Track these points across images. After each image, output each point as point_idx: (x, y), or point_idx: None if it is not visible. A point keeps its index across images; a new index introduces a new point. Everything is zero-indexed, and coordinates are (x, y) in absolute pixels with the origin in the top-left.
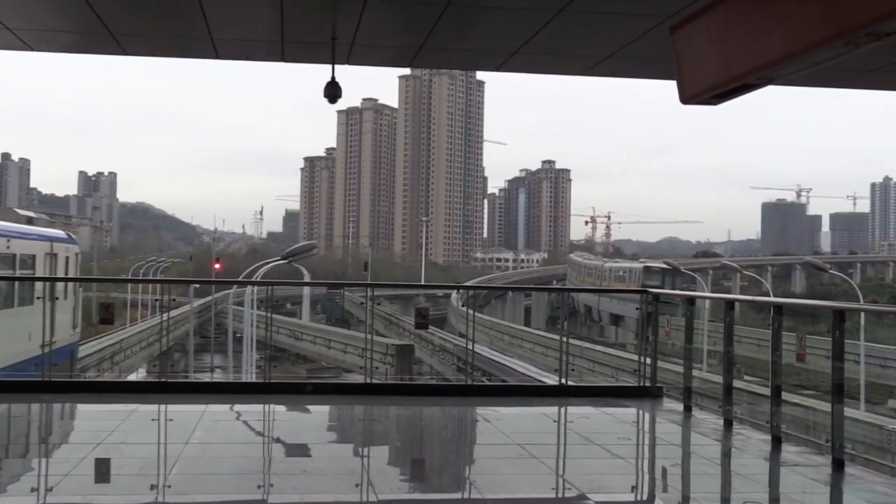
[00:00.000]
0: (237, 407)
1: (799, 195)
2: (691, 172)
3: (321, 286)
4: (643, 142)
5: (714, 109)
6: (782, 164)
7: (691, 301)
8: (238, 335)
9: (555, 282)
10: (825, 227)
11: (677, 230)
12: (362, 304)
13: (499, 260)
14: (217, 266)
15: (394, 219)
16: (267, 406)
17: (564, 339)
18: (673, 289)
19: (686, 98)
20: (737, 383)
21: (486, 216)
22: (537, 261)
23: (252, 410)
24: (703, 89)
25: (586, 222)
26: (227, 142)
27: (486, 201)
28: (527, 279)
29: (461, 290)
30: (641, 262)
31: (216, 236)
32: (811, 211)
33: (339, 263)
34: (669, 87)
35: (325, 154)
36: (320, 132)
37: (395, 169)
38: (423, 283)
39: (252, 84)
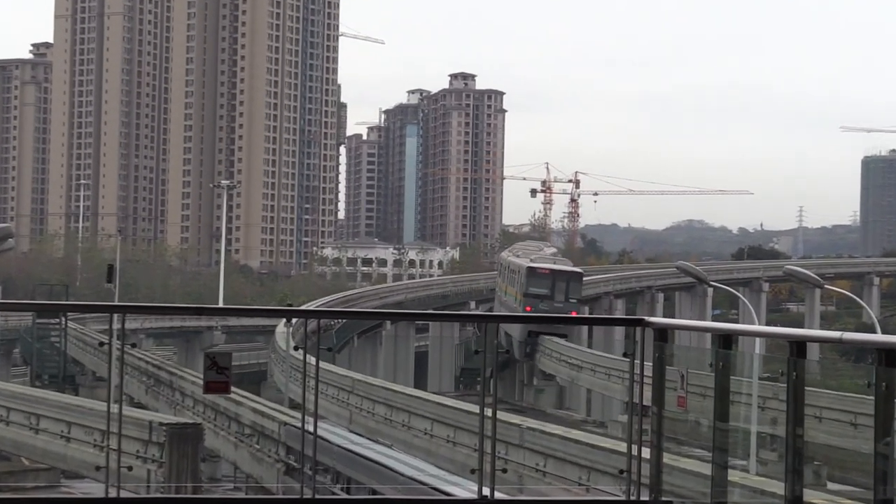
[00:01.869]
0: None
1: None
2: (721, 99)
3: (20, 311)
4: (629, 44)
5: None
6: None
7: (726, 341)
8: None
9: (473, 304)
10: None
11: (704, 208)
12: (103, 345)
13: (369, 263)
14: None
15: (166, 184)
16: None
17: (489, 412)
18: (652, 307)
19: None
20: (814, 497)
21: (342, 181)
22: (441, 264)
23: None
24: None
25: (534, 192)
26: None
27: (341, 151)
28: (421, 300)
29: (293, 320)
30: (535, 259)
31: None
32: None
33: (60, 266)
34: None
35: (31, 55)
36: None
37: (170, 89)
38: (220, 305)
39: None
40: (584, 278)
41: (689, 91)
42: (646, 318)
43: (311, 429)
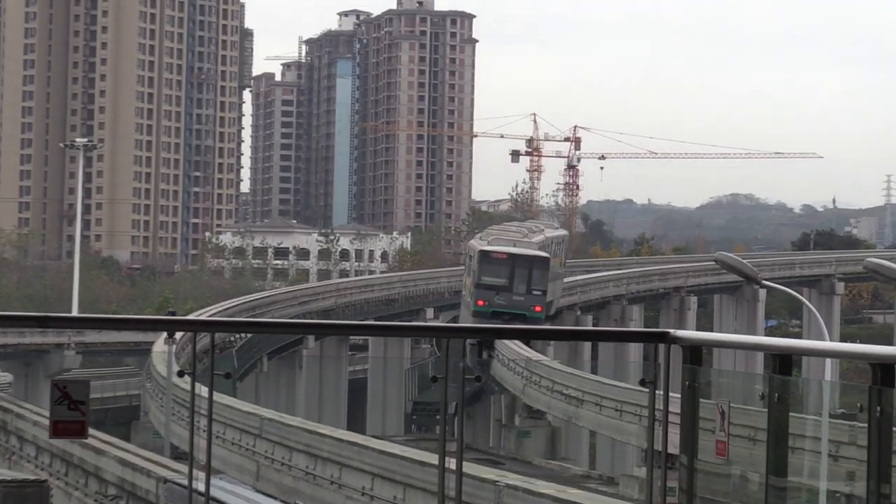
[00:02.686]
0: None
1: None
2: (783, 21)
3: None
4: None
5: None
6: None
7: (784, 364)
8: None
9: (430, 312)
10: None
11: (754, 177)
12: None
13: (284, 254)
14: None
15: None
16: None
17: (453, 464)
18: (681, 317)
19: None
20: None
21: (247, 141)
22: (386, 255)
23: None
24: None
25: (517, 155)
26: None
27: (246, 97)
28: (358, 306)
29: (176, 335)
30: (494, 241)
31: None
32: None
33: None
34: None
35: None
36: None
37: (3, 9)
38: (73, 313)
39: None
40: (587, 275)
41: (734, 9)
42: (672, 331)
43: (201, 487)
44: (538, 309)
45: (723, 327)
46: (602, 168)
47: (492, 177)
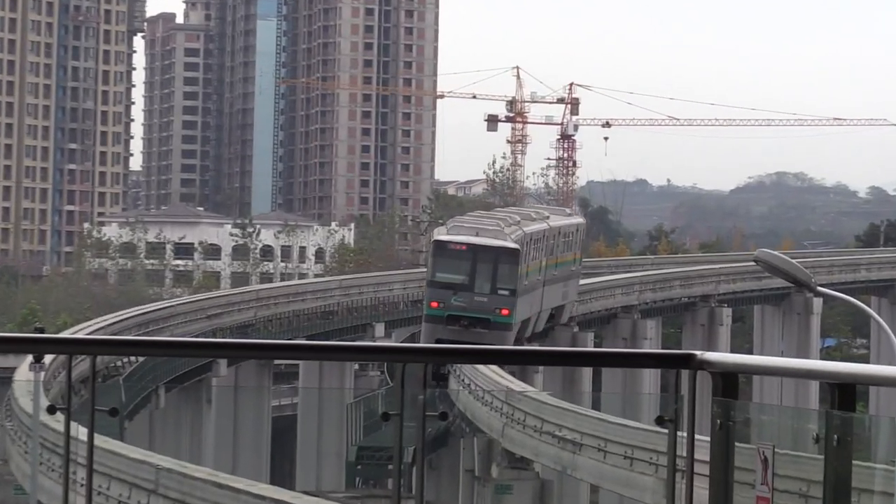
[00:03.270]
0: None
1: None
2: None
3: None
4: None
5: None
6: None
7: (845, 396)
8: None
9: (380, 328)
10: None
11: (805, 151)
12: None
13: (189, 252)
14: None
15: None
16: None
17: None
18: (711, 334)
19: None
20: None
21: (139, 103)
22: (322, 253)
23: None
24: None
25: (494, 121)
26: None
27: (137, 46)
28: (286, 319)
29: (45, 358)
30: (454, 229)
31: None
32: None
33: None
34: None
35: None
36: None
37: None
38: None
39: None
40: (585, 278)
41: None
42: (699, 353)
43: None
44: (505, 312)
45: (765, 348)
46: (606, 139)
47: (461, 150)
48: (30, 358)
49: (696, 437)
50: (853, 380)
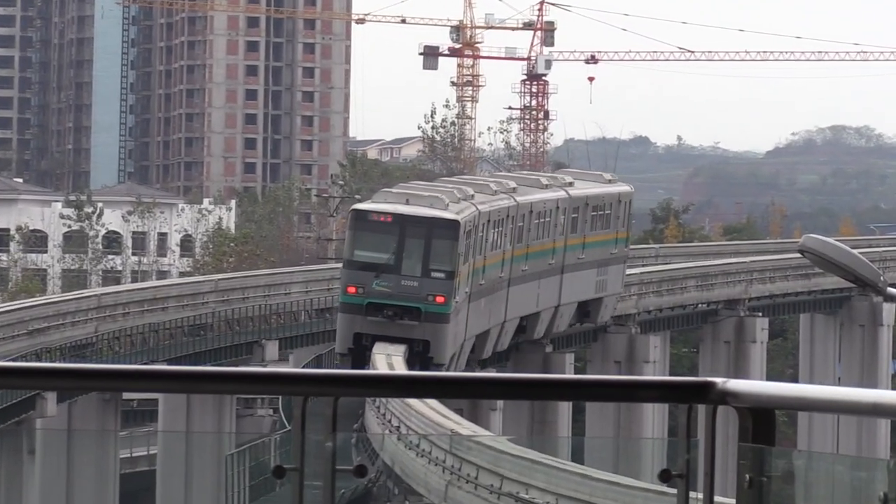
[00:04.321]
0: None
1: None
2: None
3: None
4: None
5: None
6: None
7: None
8: None
9: (276, 348)
10: None
11: (870, 103)
12: None
13: (3, 240)
14: None
15: None
16: None
17: None
18: (737, 354)
19: None
20: None
21: None
22: (192, 241)
23: None
24: None
25: (433, 54)
26: None
27: None
28: (131, 338)
29: None
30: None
31: None
32: None
33: None
34: None
35: None
36: None
37: None
38: None
39: None
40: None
41: None
42: (721, 380)
43: None
44: (440, 300)
45: (815, 374)
46: (592, 80)
47: (388, 98)
48: None
49: (717, 499)
50: None
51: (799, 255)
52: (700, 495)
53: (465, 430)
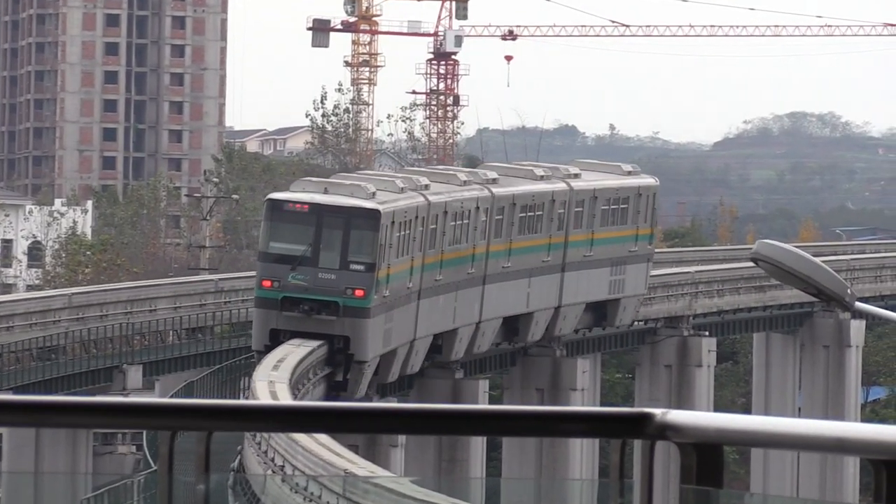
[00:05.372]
0: None
1: None
2: None
3: None
4: None
5: None
6: None
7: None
8: None
9: (139, 374)
10: None
11: (833, 86)
12: None
13: None
14: None
15: None
16: None
17: None
18: (679, 380)
19: None
20: None
21: None
22: (37, 251)
23: None
24: None
25: (322, 29)
26: None
27: None
28: None
29: None
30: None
31: None
32: None
33: None
34: None
35: None
36: None
37: None
38: None
39: None
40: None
41: None
42: (661, 411)
43: None
44: (359, 293)
45: (771, 403)
46: (510, 60)
47: (271, 80)
48: None
49: None
50: None
51: (752, 263)
52: None
53: (362, 469)
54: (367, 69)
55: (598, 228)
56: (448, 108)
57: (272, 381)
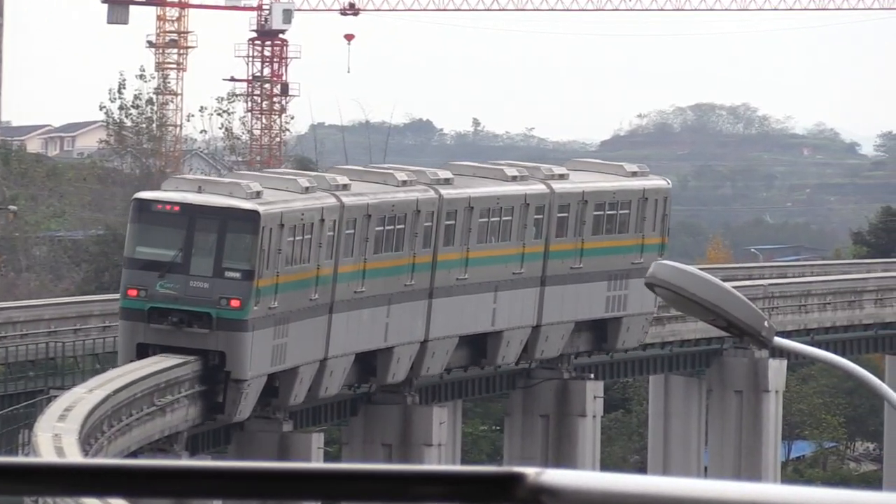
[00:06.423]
0: None
1: None
2: None
3: None
4: None
5: None
6: None
7: None
8: None
9: None
10: None
11: (751, 71)
12: None
13: None
14: None
15: None
16: None
17: None
18: (558, 429)
19: None
20: None
21: None
22: None
23: None
24: None
25: (118, 3)
26: None
27: None
28: None
29: None
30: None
31: None
32: None
33: None
34: None
35: None
36: None
37: None
38: None
39: None
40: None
41: None
42: (533, 471)
43: None
44: (235, 304)
45: (671, 460)
46: (350, 39)
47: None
48: None
49: None
50: None
51: (649, 288)
52: None
53: None
54: (176, 51)
55: (590, 237)
56: (275, 99)
57: (58, 435)
